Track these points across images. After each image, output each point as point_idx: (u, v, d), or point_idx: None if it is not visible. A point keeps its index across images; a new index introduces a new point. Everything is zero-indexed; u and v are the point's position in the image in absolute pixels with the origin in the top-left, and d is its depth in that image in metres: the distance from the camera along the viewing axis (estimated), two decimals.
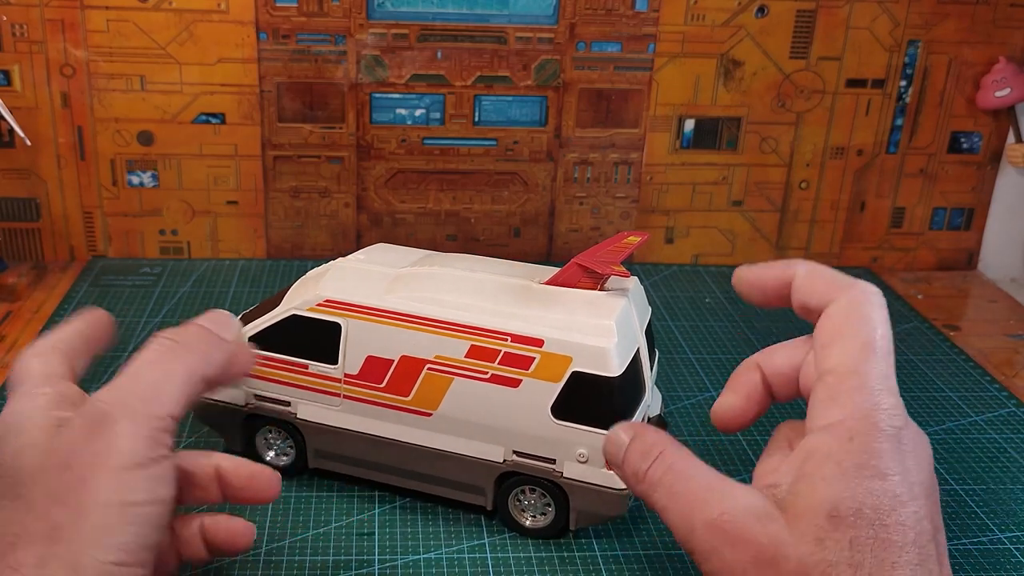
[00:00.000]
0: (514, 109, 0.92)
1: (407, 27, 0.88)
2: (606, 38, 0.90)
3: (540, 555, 0.57)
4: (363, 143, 0.92)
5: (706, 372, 0.78)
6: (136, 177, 0.91)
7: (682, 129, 0.94)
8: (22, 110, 0.86)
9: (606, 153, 0.94)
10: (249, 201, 0.93)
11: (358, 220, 0.94)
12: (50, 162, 0.89)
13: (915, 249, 1.01)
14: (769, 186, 0.97)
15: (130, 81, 0.87)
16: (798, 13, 0.91)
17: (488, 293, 0.56)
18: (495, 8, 0.88)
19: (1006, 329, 0.90)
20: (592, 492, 0.55)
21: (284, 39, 0.87)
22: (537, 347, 0.54)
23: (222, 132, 0.90)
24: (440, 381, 0.56)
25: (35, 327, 0.80)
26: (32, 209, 0.90)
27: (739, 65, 0.92)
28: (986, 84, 0.94)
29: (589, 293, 0.56)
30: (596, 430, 0.54)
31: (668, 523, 0.44)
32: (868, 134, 0.96)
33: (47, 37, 0.85)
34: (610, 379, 0.53)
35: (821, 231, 0.99)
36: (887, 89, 0.95)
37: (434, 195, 0.94)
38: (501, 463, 0.56)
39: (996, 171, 0.99)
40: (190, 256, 0.94)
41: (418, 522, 0.59)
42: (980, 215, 1.01)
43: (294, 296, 0.59)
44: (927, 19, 0.92)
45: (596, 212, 0.96)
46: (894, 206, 0.99)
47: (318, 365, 0.58)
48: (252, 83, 0.88)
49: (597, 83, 0.92)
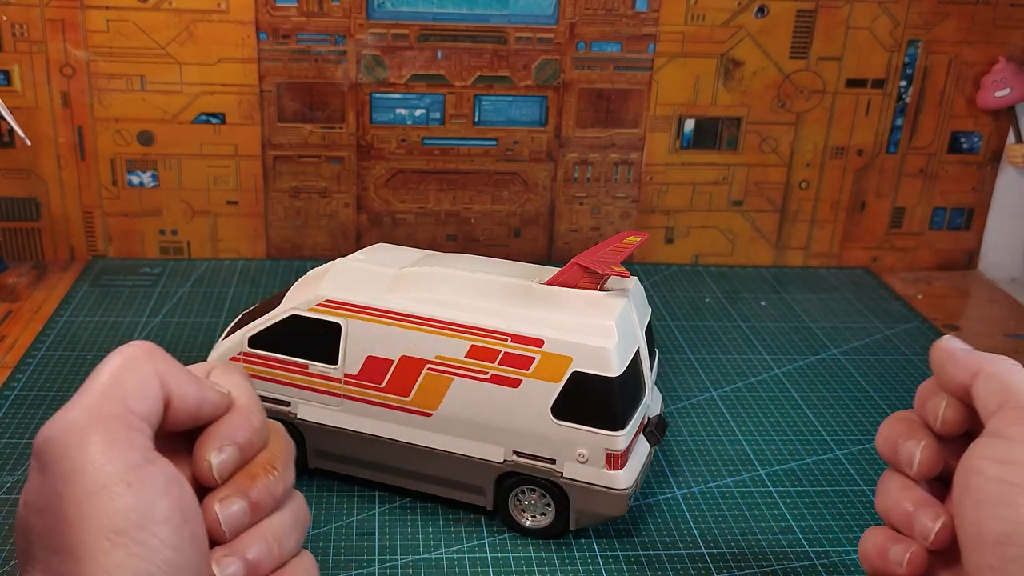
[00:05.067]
0: (514, 109, 0.92)
1: (407, 27, 0.88)
2: (606, 38, 0.90)
3: (540, 555, 0.57)
4: (363, 143, 0.92)
5: (706, 372, 0.78)
6: (136, 177, 0.91)
7: (682, 129, 0.94)
8: (22, 110, 0.86)
9: (606, 153, 0.94)
10: (249, 201, 0.93)
11: (358, 220, 0.94)
12: (50, 162, 0.89)
13: (915, 249, 1.01)
14: (769, 186, 0.97)
15: (130, 81, 0.87)
16: (798, 13, 0.91)
17: (488, 293, 0.56)
18: (495, 8, 0.88)
19: (1006, 329, 0.90)
20: (592, 492, 0.55)
21: (284, 39, 0.87)
22: (537, 347, 0.54)
23: (222, 132, 0.90)
24: (440, 381, 0.56)
25: (35, 327, 0.80)
26: (32, 209, 0.90)
27: (739, 65, 0.92)
28: (986, 84, 0.94)
29: (589, 293, 0.56)
30: (596, 430, 0.54)
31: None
32: (868, 134, 0.96)
33: (47, 37, 0.85)
34: (610, 379, 0.53)
35: (821, 231, 0.99)
36: (887, 89, 0.95)
37: (434, 195, 0.94)
38: (501, 463, 0.56)
39: (996, 171, 0.99)
40: (190, 256, 0.94)
41: (418, 522, 0.59)
42: (980, 215, 1.01)
43: (294, 296, 0.59)
44: (927, 19, 0.92)
45: (596, 212, 0.96)
46: (894, 206, 0.99)
47: (318, 365, 0.58)
48: (252, 83, 0.88)
49: (597, 83, 0.92)
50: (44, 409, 0.68)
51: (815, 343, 0.84)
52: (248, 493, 0.39)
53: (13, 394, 0.70)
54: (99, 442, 0.35)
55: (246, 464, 0.40)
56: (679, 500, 0.63)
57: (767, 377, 0.78)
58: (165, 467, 0.36)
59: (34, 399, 0.70)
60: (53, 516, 0.34)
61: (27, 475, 0.36)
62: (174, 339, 0.79)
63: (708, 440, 0.69)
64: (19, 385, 0.71)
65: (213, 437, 0.39)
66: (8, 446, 0.64)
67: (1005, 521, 0.37)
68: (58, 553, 0.34)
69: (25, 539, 0.36)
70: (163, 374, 0.38)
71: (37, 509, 0.35)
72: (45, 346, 0.77)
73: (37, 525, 0.35)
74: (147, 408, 0.37)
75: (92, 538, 0.33)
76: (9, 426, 0.66)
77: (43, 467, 0.35)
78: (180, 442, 0.40)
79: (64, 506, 0.34)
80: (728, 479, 0.65)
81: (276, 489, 0.40)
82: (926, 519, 0.42)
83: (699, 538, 0.59)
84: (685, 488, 0.64)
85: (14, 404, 0.69)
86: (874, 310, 0.91)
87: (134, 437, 0.36)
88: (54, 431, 0.35)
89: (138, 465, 0.35)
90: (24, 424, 0.67)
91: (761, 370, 0.79)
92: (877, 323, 0.89)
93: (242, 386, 0.42)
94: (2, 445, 0.64)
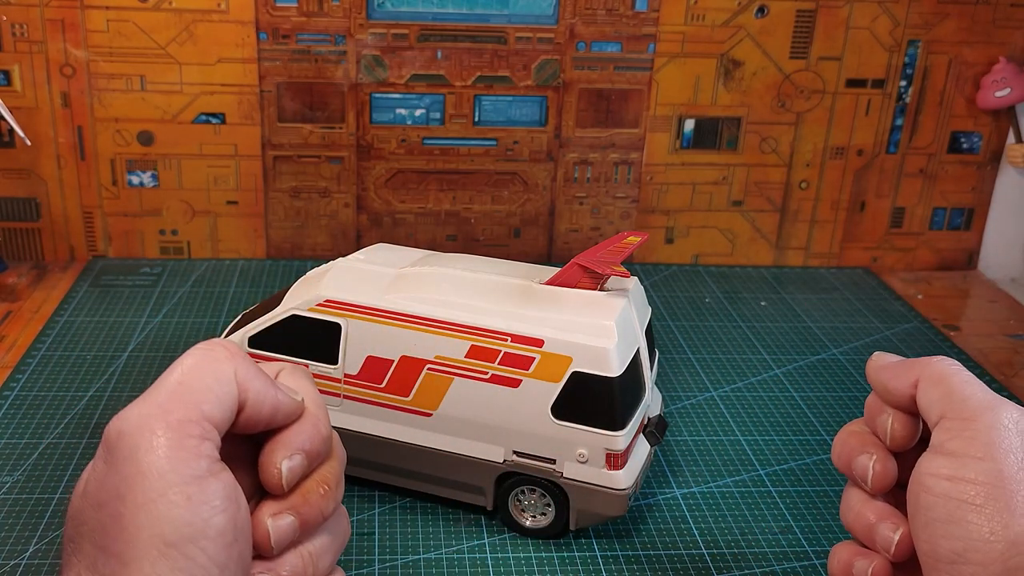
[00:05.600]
0: (514, 109, 0.92)
1: (407, 27, 0.88)
2: (606, 38, 0.90)
3: (540, 555, 0.57)
4: (363, 143, 0.92)
5: (706, 372, 0.78)
6: (136, 177, 0.91)
7: (682, 129, 0.94)
8: (22, 110, 0.86)
9: (606, 153, 0.94)
10: (249, 201, 0.93)
11: (358, 220, 0.94)
12: (50, 162, 0.89)
13: (915, 249, 1.01)
14: (769, 186, 0.97)
15: (130, 81, 0.87)
16: (798, 13, 0.91)
17: (488, 293, 0.56)
18: (495, 8, 0.88)
19: (1006, 329, 0.90)
20: (592, 492, 0.55)
21: (284, 39, 0.87)
22: (537, 347, 0.54)
23: (222, 132, 0.90)
24: (440, 381, 0.56)
25: (35, 327, 0.80)
26: (32, 209, 0.90)
27: (739, 65, 0.92)
28: (986, 84, 0.94)
29: (589, 293, 0.56)
30: (596, 430, 0.54)
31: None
32: (868, 134, 0.96)
33: (47, 37, 0.85)
34: (610, 379, 0.53)
35: (821, 231, 0.99)
36: (887, 89, 0.95)
37: (434, 195, 0.94)
38: (501, 463, 0.56)
39: (996, 171, 0.99)
40: (190, 256, 0.94)
41: (418, 522, 0.59)
42: (980, 215, 1.01)
43: (294, 296, 0.59)
44: (927, 19, 0.92)
45: (596, 212, 0.96)
46: (894, 206, 0.99)
47: (318, 365, 0.58)
48: (252, 83, 0.88)
49: (597, 83, 0.92)
50: (44, 409, 0.68)
51: (815, 343, 0.84)
52: (300, 511, 0.39)
53: (13, 394, 0.70)
54: (166, 446, 0.34)
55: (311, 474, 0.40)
56: (679, 500, 0.63)
57: (767, 377, 0.78)
58: (226, 481, 0.35)
59: (34, 399, 0.70)
60: (109, 515, 0.34)
61: (93, 461, 0.36)
62: (174, 339, 0.79)
63: (708, 440, 0.69)
64: (19, 385, 0.71)
65: (283, 444, 0.39)
66: (8, 446, 0.64)
67: (956, 539, 0.37)
68: (106, 553, 0.34)
69: (76, 530, 0.35)
70: (242, 378, 0.37)
71: (96, 502, 0.34)
72: (45, 346, 0.77)
73: (91, 519, 0.34)
74: (221, 413, 0.36)
75: (142, 545, 0.33)
76: (9, 426, 0.66)
77: (111, 462, 0.35)
78: (239, 443, 0.39)
79: (122, 508, 0.34)
80: (728, 479, 0.65)
81: (328, 508, 0.40)
82: (886, 530, 0.42)
83: (699, 538, 0.59)
84: (685, 488, 0.64)
85: (14, 404, 0.69)
86: (874, 310, 0.91)
87: (203, 445, 0.35)
88: (127, 426, 0.35)
89: (201, 477, 0.34)
90: (24, 424, 0.67)
91: (761, 370, 0.79)
92: (877, 323, 0.89)
93: (310, 392, 0.41)
94: (2, 445, 0.64)
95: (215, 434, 0.36)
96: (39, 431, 0.66)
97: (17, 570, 0.54)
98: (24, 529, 0.57)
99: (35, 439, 0.65)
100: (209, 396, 0.36)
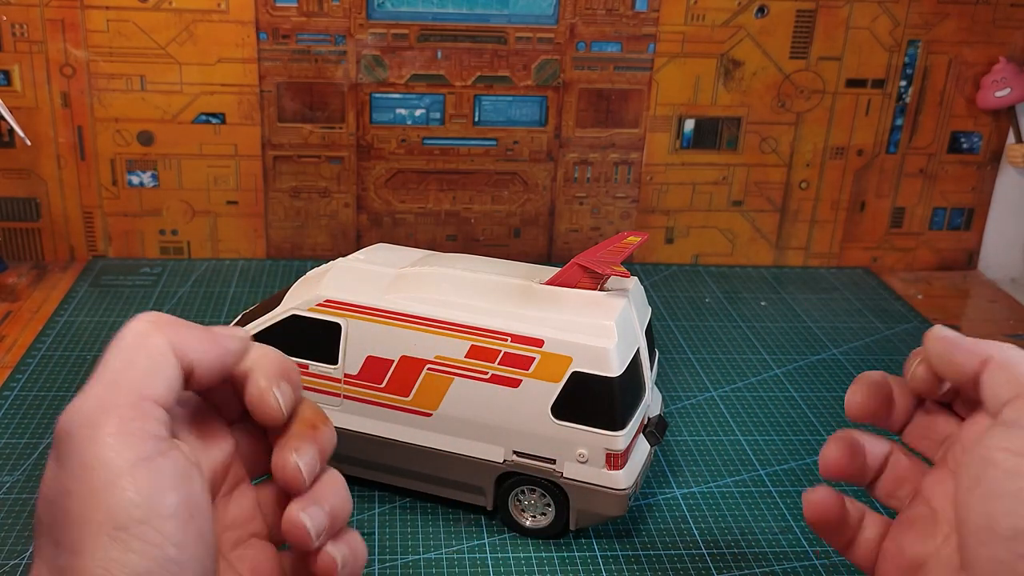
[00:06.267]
0: (514, 109, 0.92)
1: (407, 27, 0.88)
2: (606, 38, 0.90)
3: (540, 555, 0.57)
4: (363, 143, 0.92)
5: (706, 372, 0.78)
6: (136, 177, 0.91)
7: (682, 129, 0.94)
8: (22, 110, 0.86)
9: (606, 153, 0.94)
10: (249, 201, 0.93)
11: (358, 220, 0.94)
12: (50, 162, 0.89)
13: (915, 249, 1.01)
14: (769, 186, 0.97)
15: (130, 81, 0.87)
16: (798, 13, 0.91)
17: (488, 293, 0.56)
18: (495, 8, 0.88)
19: (1006, 329, 0.90)
20: (592, 492, 0.55)
21: (284, 39, 0.87)
22: (537, 347, 0.54)
23: (222, 132, 0.90)
24: (440, 381, 0.56)
25: (35, 327, 0.80)
26: (32, 209, 0.90)
27: (739, 65, 0.92)
28: (986, 84, 0.94)
29: (589, 293, 0.56)
30: (596, 430, 0.54)
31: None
32: (868, 134, 0.96)
33: (47, 37, 0.85)
34: (610, 379, 0.53)
35: (821, 231, 0.99)
36: (887, 89, 0.95)
37: (434, 195, 0.94)
38: (501, 463, 0.56)
39: (996, 171, 0.99)
40: (190, 256, 0.94)
41: (418, 522, 0.59)
42: (980, 215, 1.01)
43: (294, 296, 0.59)
44: (927, 19, 0.92)
45: (596, 212, 0.96)
46: (894, 206, 0.99)
47: (318, 365, 0.58)
48: (252, 83, 0.88)
49: (597, 83, 0.92)
50: (44, 409, 0.68)
51: (815, 343, 0.84)
52: (316, 439, 0.40)
53: (13, 394, 0.70)
54: (109, 435, 0.34)
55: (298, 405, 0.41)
56: (679, 500, 0.63)
57: (767, 377, 0.78)
58: (176, 459, 0.35)
59: (34, 399, 0.70)
60: (60, 510, 0.34)
61: (47, 461, 0.36)
62: None
63: (708, 440, 0.69)
64: (19, 385, 0.71)
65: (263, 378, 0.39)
66: (8, 446, 0.64)
67: (1020, 517, 0.36)
68: (59, 547, 0.34)
69: (37, 529, 0.35)
70: (178, 344, 0.37)
71: (47, 500, 0.35)
72: (45, 346, 0.77)
73: (46, 517, 0.34)
74: (163, 388, 0.36)
75: (92, 533, 0.33)
76: (9, 426, 0.66)
77: (59, 459, 0.35)
78: (234, 406, 0.41)
79: (70, 502, 0.34)
80: (728, 479, 0.65)
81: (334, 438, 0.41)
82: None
83: (699, 538, 0.59)
84: (685, 488, 0.64)
85: (14, 404, 0.69)
86: (874, 310, 0.91)
87: (147, 425, 0.35)
88: (70, 423, 0.35)
89: (148, 457, 0.34)
90: (24, 424, 0.67)
91: (761, 370, 0.79)
92: (877, 323, 0.89)
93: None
94: (2, 445, 0.64)
95: (160, 412, 0.36)
96: (39, 431, 0.66)
97: (17, 570, 0.54)
98: (24, 529, 0.57)
99: (35, 439, 0.65)
100: (147, 377, 0.36)
